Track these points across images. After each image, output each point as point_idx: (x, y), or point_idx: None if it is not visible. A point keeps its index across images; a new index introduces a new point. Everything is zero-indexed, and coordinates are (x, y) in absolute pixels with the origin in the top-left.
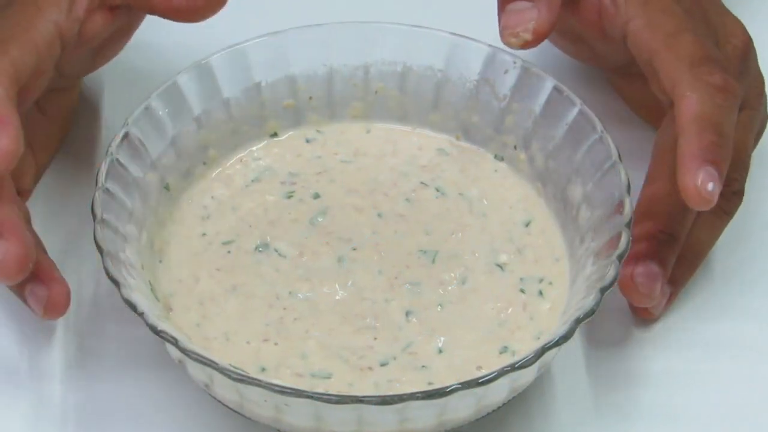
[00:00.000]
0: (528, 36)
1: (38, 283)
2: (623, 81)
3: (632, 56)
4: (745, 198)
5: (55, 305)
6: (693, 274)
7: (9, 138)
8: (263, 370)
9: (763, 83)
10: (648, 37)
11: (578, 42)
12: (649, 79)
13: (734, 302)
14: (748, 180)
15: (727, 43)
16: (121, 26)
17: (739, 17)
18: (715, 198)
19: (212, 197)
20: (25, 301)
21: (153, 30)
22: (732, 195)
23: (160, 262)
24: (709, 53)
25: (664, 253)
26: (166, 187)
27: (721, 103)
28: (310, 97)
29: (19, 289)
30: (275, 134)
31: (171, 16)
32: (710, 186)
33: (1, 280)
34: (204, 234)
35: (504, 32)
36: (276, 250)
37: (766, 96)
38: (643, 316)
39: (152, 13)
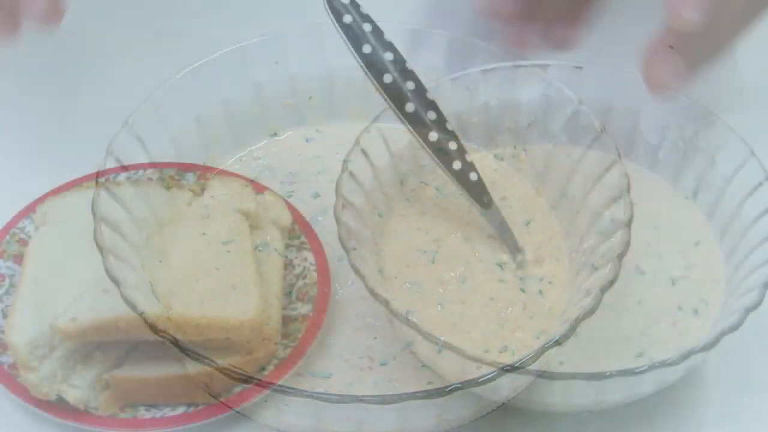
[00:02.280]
0: None
1: None
2: None
3: None
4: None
5: None
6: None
7: None
8: (263, 369)
9: None
10: None
11: None
12: None
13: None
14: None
15: None
16: None
17: None
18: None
19: (212, 197)
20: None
21: (153, 30)
22: None
23: (160, 262)
24: None
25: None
26: (166, 187)
27: None
28: (310, 97)
29: None
30: (275, 134)
31: None
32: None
33: None
34: (204, 234)
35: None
36: (276, 250)
37: None
38: (656, 90)
39: None
